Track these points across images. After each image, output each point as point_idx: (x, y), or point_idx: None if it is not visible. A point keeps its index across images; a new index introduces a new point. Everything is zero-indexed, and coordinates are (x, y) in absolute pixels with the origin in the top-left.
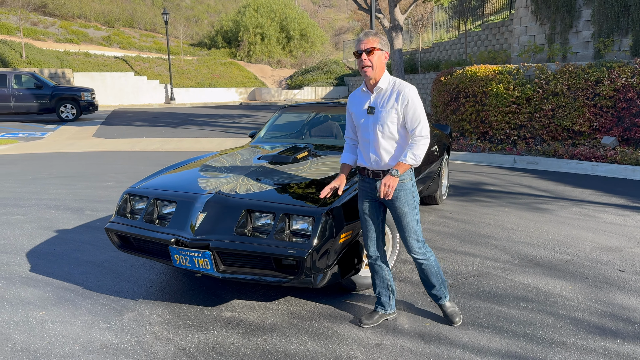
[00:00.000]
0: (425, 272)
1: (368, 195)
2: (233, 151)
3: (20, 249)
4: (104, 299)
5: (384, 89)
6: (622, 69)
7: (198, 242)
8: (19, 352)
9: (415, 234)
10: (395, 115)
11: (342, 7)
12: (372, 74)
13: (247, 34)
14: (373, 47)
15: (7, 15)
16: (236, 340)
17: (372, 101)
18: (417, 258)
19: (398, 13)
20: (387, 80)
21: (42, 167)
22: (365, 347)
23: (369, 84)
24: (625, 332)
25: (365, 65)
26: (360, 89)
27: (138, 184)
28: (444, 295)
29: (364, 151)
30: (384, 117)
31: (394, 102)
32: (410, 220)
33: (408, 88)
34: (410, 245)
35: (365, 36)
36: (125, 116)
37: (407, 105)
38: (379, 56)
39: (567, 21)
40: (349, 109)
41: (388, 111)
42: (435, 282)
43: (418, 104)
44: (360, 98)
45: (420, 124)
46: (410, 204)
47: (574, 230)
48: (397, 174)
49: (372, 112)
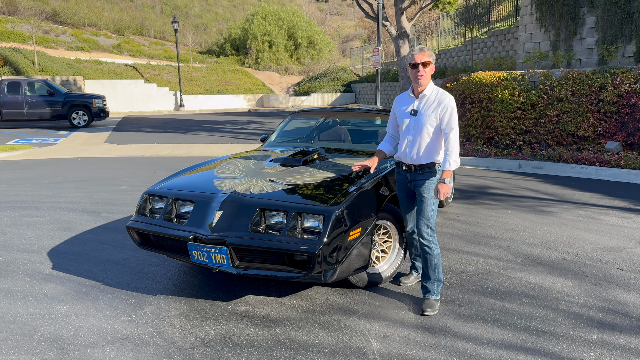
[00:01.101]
0: (425, 260)
1: (402, 184)
2: (246, 154)
3: (41, 248)
4: (124, 294)
5: (427, 96)
6: (625, 75)
7: (215, 238)
8: (46, 342)
9: (427, 220)
10: (434, 120)
11: (349, 14)
12: (424, 82)
13: (255, 42)
14: (429, 61)
15: (20, 24)
16: (251, 331)
17: (416, 105)
18: (423, 243)
19: (404, 21)
20: (431, 89)
21: (57, 172)
22: (373, 338)
23: (417, 90)
24: (622, 325)
25: (420, 75)
26: (407, 93)
27: (157, 185)
28: (434, 291)
29: (403, 147)
30: (424, 120)
31: (435, 108)
32: (427, 207)
33: (449, 98)
34: (420, 229)
35: (420, 51)
36: (135, 123)
37: (446, 113)
38: (431, 68)
39: (571, 28)
40: (394, 108)
41: (429, 115)
42: (432, 274)
43: (454, 113)
44: (406, 101)
45: (453, 131)
46: (431, 192)
47: (576, 232)
48: (448, 182)
49: (415, 115)
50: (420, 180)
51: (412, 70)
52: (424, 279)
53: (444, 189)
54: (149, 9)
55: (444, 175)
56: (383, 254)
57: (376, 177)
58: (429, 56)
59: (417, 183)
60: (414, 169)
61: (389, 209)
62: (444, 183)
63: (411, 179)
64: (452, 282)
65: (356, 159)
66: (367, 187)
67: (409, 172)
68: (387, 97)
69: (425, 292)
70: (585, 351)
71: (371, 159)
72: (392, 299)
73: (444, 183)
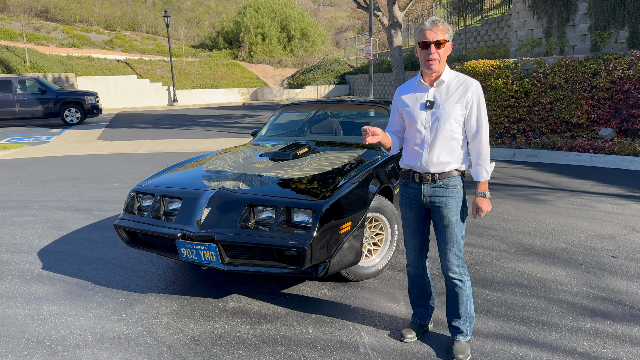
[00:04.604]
0: (454, 297)
1: (412, 201)
2: (235, 149)
3: (32, 248)
4: (114, 293)
5: (447, 82)
6: (618, 61)
7: (203, 235)
8: (35, 344)
9: (458, 248)
10: (459, 112)
11: (342, 5)
12: (438, 67)
13: (248, 35)
14: (444, 40)
15: (10, 21)
16: (242, 328)
17: (431, 95)
18: (452, 277)
19: (397, 10)
20: (449, 73)
21: (49, 170)
22: (365, 332)
23: (430, 77)
24: (615, 313)
25: (432, 59)
26: (416, 80)
27: (144, 182)
28: (467, 332)
29: (413, 150)
30: (447, 112)
31: (461, 97)
32: (456, 232)
33: (476, 84)
34: (448, 261)
35: (433, 25)
36: (129, 119)
37: (474, 104)
38: (447, 48)
39: (563, 15)
40: (397, 102)
41: (452, 106)
42: (463, 312)
43: (484, 104)
44: (414, 91)
45: (484, 127)
46: (459, 214)
47: (570, 220)
48: (489, 195)
49: (432, 107)
50: (444, 197)
51: (422, 51)
52: (452, 319)
53: (485, 205)
54: (140, 3)
55: (481, 188)
56: (375, 247)
57: (367, 170)
58: (444, 32)
59: (440, 201)
60: (433, 180)
61: (380, 202)
62: (483, 197)
63: (430, 194)
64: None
65: (347, 151)
66: (357, 180)
67: (425, 185)
68: (382, 88)
69: (456, 332)
70: (578, 340)
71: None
72: (384, 293)
73: (483, 197)
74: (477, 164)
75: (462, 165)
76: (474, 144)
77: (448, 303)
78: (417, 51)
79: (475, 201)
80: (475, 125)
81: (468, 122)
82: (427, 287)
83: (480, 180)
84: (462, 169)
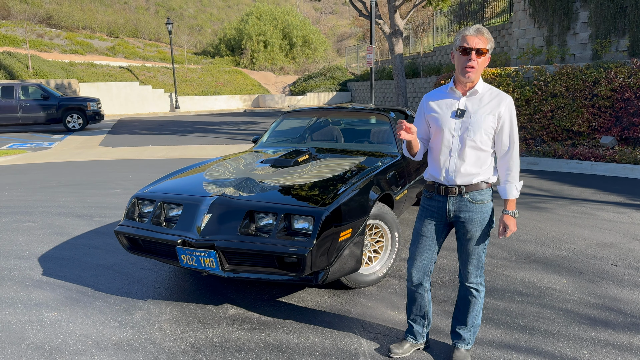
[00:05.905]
0: (466, 304)
1: (434, 215)
2: (236, 156)
3: (32, 254)
4: (114, 299)
5: (480, 92)
6: (619, 70)
7: (204, 242)
8: (34, 350)
9: (478, 260)
10: (491, 125)
11: (344, 13)
12: (474, 76)
13: (250, 42)
14: (486, 49)
15: (14, 27)
16: (241, 335)
17: (462, 104)
18: (469, 286)
19: (398, 19)
20: (482, 85)
21: (51, 176)
22: (365, 340)
23: (464, 86)
24: (616, 322)
25: (471, 66)
26: (447, 88)
27: (145, 188)
28: (470, 340)
29: (438, 161)
30: (478, 123)
31: (493, 109)
32: (479, 246)
33: (509, 98)
34: (468, 271)
35: (477, 32)
36: (131, 125)
37: (507, 119)
38: (486, 59)
39: (564, 23)
40: (425, 109)
41: (484, 117)
42: (470, 320)
43: (516, 120)
44: (445, 97)
45: (516, 144)
46: (485, 229)
47: (571, 228)
48: (517, 215)
49: (462, 116)
50: (470, 213)
51: (461, 57)
52: (458, 324)
53: (513, 225)
54: (143, 10)
55: (510, 207)
56: (375, 254)
57: (367, 177)
58: (486, 42)
59: (465, 217)
60: (460, 193)
61: (381, 209)
62: (511, 216)
63: (456, 209)
64: (445, 281)
65: (348, 158)
66: (358, 187)
67: (451, 198)
68: (383, 95)
69: (457, 339)
70: (578, 349)
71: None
72: (384, 300)
73: (511, 216)
74: (506, 181)
75: (492, 178)
76: (504, 159)
77: (457, 309)
78: (455, 57)
79: (503, 220)
80: (507, 141)
81: (499, 137)
82: (426, 307)
83: (509, 198)
84: (490, 182)
